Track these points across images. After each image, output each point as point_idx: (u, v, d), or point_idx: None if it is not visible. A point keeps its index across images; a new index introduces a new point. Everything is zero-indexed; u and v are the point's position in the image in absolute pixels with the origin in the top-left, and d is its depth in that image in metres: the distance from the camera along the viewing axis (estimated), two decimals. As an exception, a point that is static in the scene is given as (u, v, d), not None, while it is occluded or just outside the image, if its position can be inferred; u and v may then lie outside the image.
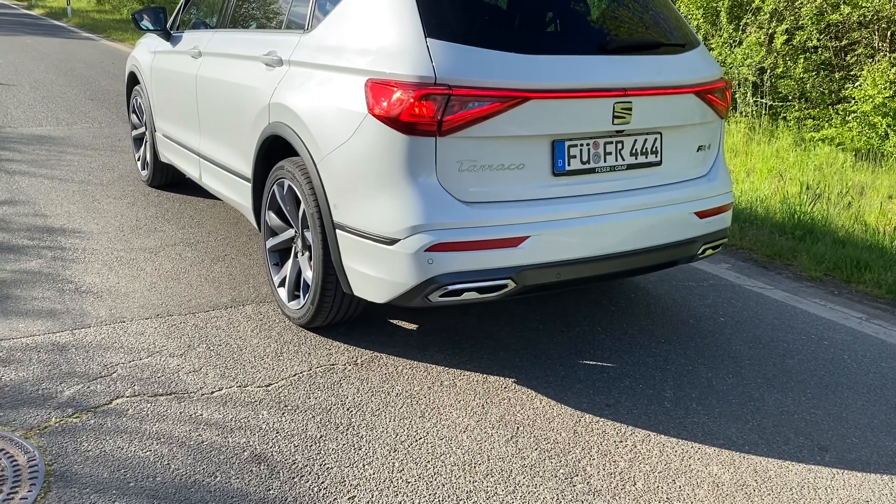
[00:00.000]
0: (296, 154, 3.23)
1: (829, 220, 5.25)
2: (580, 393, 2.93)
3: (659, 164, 3.14)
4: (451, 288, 2.75)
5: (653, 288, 4.07)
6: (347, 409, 2.74)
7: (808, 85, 7.81)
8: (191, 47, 4.46)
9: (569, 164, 2.90)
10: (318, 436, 2.56)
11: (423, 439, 2.58)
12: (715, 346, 3.40)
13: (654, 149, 3.11)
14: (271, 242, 3.52)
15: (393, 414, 2.73)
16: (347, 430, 2.61)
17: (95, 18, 23.67)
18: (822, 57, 7.86)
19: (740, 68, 7.97)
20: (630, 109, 2.94)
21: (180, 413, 2.65)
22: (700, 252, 3.32)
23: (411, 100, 2.64)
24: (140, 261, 4.07)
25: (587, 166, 2.94)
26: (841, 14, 7.43)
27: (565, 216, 2.87)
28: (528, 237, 2.78)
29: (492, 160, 2.77)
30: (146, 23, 4.83)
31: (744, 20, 8.23)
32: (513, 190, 2.82)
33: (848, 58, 7.75)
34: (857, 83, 7.36)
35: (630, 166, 3.06)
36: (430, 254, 2.70)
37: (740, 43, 8.09)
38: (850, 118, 7.28)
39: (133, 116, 5.72)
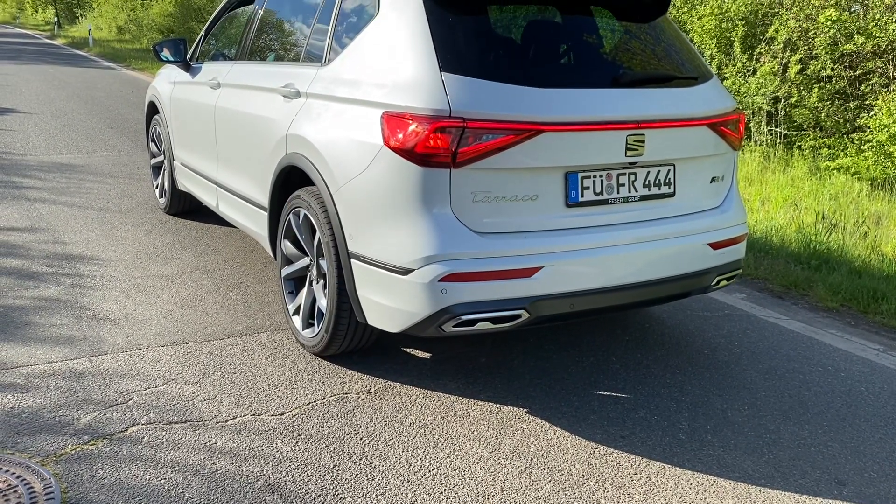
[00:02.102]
0: (312, 184, 3.26)
1: (845, 249, 5.22)
2: (594, 424, 2.92)
3: (672, 195, 3.14)
4: (464, 318, 2.76)
5: (667, 318, 4.05)
6: (361, 439, 2.74)
7: (822, 114, 7.81)
8: (209, 78, 4.55)
9: (582, 196, 2.91)
10: (332, 465, 2.57)
11: (436, 470, 2.57)
12: (730, 377, 3.37)
13: (667, 180, 3.11)
14: (286, 271, 3.55)
15: (406, 444, 2.72)
16: (361, 459, 2.61)
17: (116, 48, 24.12)
18: (837, 86, 7.87)
19: (754, 97, 7.99)
20: (643, 142, 2.95)
21: (195, 441, 2.66)
22: (714, 283, 3.30)
23: (426, 132, 2.68)
24: (157, 288, 4.11)
25: (600, 197, 2.95)
26: (855, 44, 7.46)
27: (578, 247, 2.88)
28: (541, 267, 2.78)
29: (505, 191, 2.78)
30: (166, 54, 4.95)
31: (757, 50, 8.26)
32: (526, 221, 2.83)
33: (863, 87, 7.75)
34: (873, 112, 7.36)
35: (643, 197, 3.05)
36: (444, 284, 2.71)
37: (754, 72, 8.12)
38: (865, 147, 7.26)
39: (152, 145, 5.82)
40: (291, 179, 3.48)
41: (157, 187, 5.79)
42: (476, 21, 3.03)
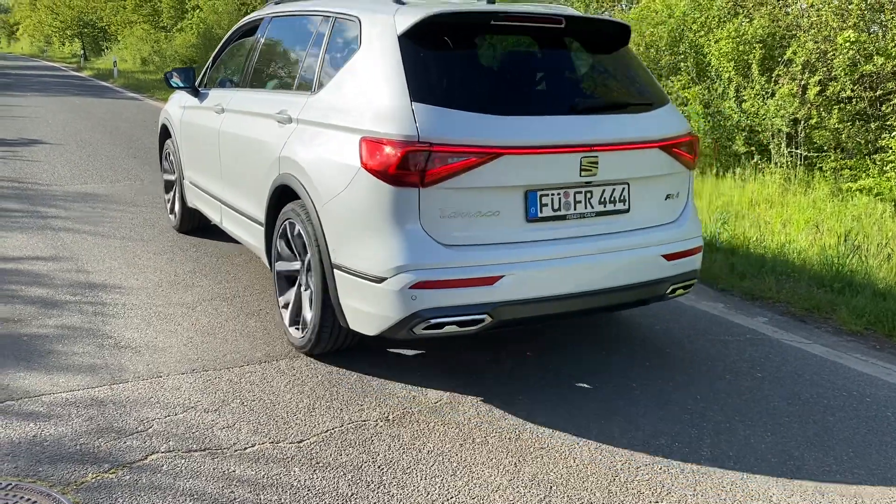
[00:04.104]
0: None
1: (868, 272, 5.15)
2: (615, 451, 2.88)
3: (627, 211, 3.40)
4: (432, 321, 3.04)
5: (688, 343, 4.01)
6: (378, 467, 2.73)
7: (843, 135, 7.74)
8: (215, 104, 4.88)
9: (541, 212, 3.19)
10: (350, 494, 2.55)
11: (454, 499, 2.55)
12: (753, 403, 3.32)
13: (622, 198, 3.38)
14: (280, 266, 3.86)
15: (424, 472, 2.71)
16: (378, 488, 2.60)
17: (140, 79, 24.58)
18: (858, 107, 7.81)
19: (773, 119, 7.95)
20: (596, 163, 3.23)
21: (214, 469, 2.67)
22: (669, 292, 3.55)
23: (398, 155, 2.99)
24: (177, 316, 4.14)
25: (558, 213, 3.23)
26: (874, 65, 7.41)
27: (538, 258, 3.15)
28: (503, 276, 3.06)
29: (469, 208, 3.08)
30: (176, 80, 5.30)
31: (776, 72, 8.24)
32: (489, 234, 3.11)
33: (884, 108, 7.69)
34: (894, 133, 7.29)
35: (599, 213, 3.32)
36: (414, 291, 3.00)
37: (773, 95, 8.09)
38: (888, 168, 7.19)
39: (164, 165, 6.17)
40: (284, 198, 3.75)
41: (168, 203, 6.14)
42: (444, 55, 3.37)
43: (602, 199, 3.33)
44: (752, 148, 8.28)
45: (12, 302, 4.25)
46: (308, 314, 3.55)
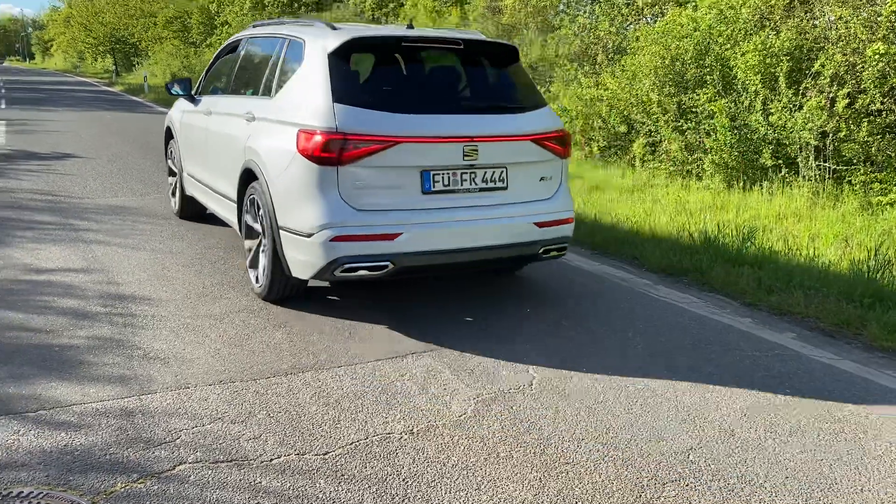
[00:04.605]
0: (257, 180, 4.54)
1: (900, 287, 5.06)
2: (642, 468, 2.86)
3: (505, 188, 4.34)
4: (347, 266, 4.02)
5: (717, 357, 3.98)
6: (403, 480, 2.73)
7: (873, 148, 7.65)
8: (206, 108, 5.91)
9: (434, 186, 4.14)
10: (375, 506, 2.56)
11: (479, 512, 2.54)
12: (783, 420, 3.28)
13: (500, 178, 4.32)
14: (247, 243, 4.85)
15: (448, 486, 2.71)
16: (403, 501, 2.60)
17: (170, 93, 24.96)
18: (888, 120, 7.71)
19: (801, 132, 7.87)
20: (476, 151, 4.18)
21: (240, 480, 2.69)
22: (542, 252, 4.50)
23: (321, 142, 3.97)
24: (205, 327, 4.19)
25: (448, 188, 4.18)
26: (904, 77, 7.32)
27: (430, 221, 4.10)
28: (401, 234, 4.02)
29: (376, 182, 4.05)
30: (176, 89, 6.36)
31: (803, 85, 8.17)
32: (392, 202, 4.07)
33: (914, 120, 7.59)
34: (925, 146, 7.18)
35: (482, 189, 4.27)
36: (333, 243, 3.99)
37: (801, 107, 8.02)
38: (919, 181, 7.08)
39: (169, 161, 7.22)
40: (249, 180, 4.70)
41: (171, 193, 7.18)
42: (360, 68, 4.47)
43: (483, 178, 4.27)
44: (780, 161, 8.21)
45: (45, 313, 4.33)
46: (266, 269, 4.50)
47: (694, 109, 9.01)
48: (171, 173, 7.12)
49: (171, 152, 7.05)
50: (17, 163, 10.21)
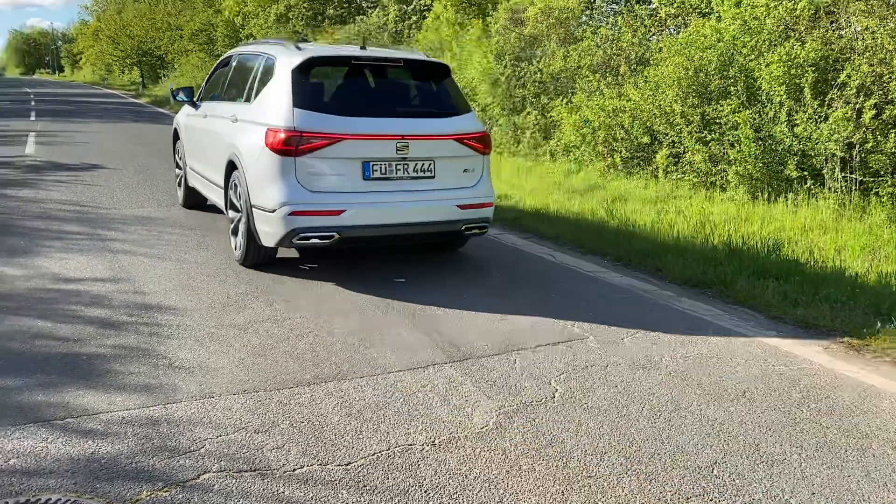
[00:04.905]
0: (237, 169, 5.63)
1: (929, 300, 4.98)
2: (665, 482, 2.84)
3: (433, 177, 5.36)
4: (302, 235, 5.07)
5: (742, 370, 3.94)
6: (425, 492, 2.73)
7: (901, 159, 7.55)
8: (203, 112, 7.05)
9: (372, 174, 5.17)
10: (397, 518, 2.56)
11: (501, 525, 2.54)
12: (809, 435, 3.24)
13: (429, 168, 5.33)
14: (231, 214, 5.89)
15: (471, 499, 2.70)
16: (425, 512, 2.60)
17: (195, 105, 25.27)
18: (916, 131, 7.61)
19: (827, 144, 7.79)
20: (407, 147, 5.20)
21: (263, 490, 2.71)
22: (464, 229, 5.49)
23: (282, 138, 5.05)
24: (229, 337, 4.23)
25: (385, 176, 5.21)
26: (933, 87, 7.23)
27: (369, 201, 5.13)
28: (345, 210, 5.07)
29: (326, 170, 5.11)
30: (181, 96, 7.52)
31: (829, 95, 8.10)
32: (339, 185, 5.12)
33: (943, 131, 7.47)
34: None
35: (413, 177, 5.28)
36: (291, 217, 5.02)
37: (826, 118, 7.94)
38: (948, 193, 6.97)
39: (176, 157, 8.43)
40: (231, 169, 5.77)
41: (177, 184, 8.39)
42: (316, 81, 5.54)
43: (414, 168, 5.28)
44: (805, 173, 8.12)
45: (73, 322, 4.40)
46: (241, 239, 5.57)
47: (718, 120, 8.95)
48: (178, 167, 8.32)
49: (178, 150, 8.25)
50: (46, 174, 10.39)
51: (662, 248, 6.36)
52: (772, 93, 8.43)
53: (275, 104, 5.29)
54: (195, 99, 7.44)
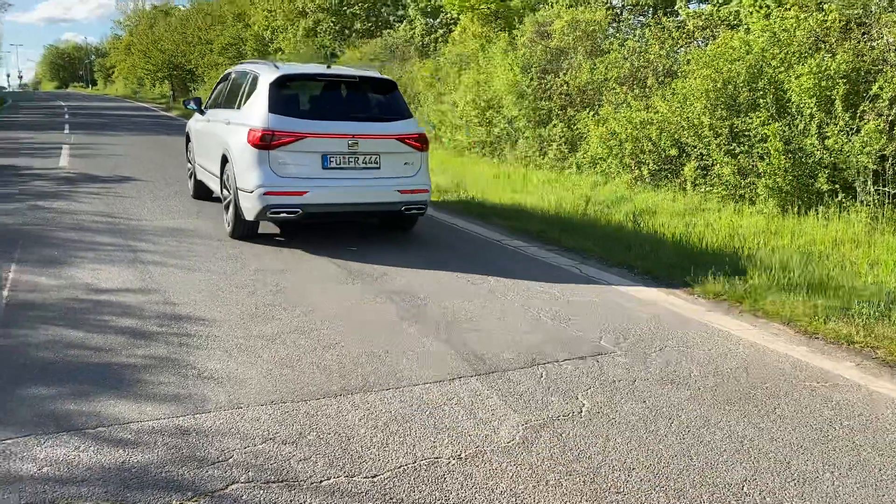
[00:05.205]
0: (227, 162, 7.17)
1: (966, 316, 4.87)
2: (694, 499, 2.81)
3: (378, 168, 6.82)
4: (273, 211, 6.51)
5: (773, 387, 3.88)
6: (452, 505, 2.73)
7: (935, 172, 7.41)
8: (207, 118, 8.61)
9: (330, 164, 6.62)
10: (423, 531, 2.56)
11: (528, 540, 2.52)
12: (842, 453, 3.18)
13: (375, 161, 6.81)
14: (224, 194, 7.40)
15: (497, 512, 2.69)
16: (452, 526, 2.59)
17: (224, 118, 25.59)
18: (950, 143, 7.47)
19: (858, 156, 7.68)
20: (357, 143, 6.67)
21: (290, 501, 2.72)
22: (404, 210, 6.96)
23: (259, 135, 6.50)
24: (258, 348, 4.27)
25: (340, 166, 6.66)
26: (968, 99, 7.10)
27: (327, 185, 6.58)
28: (307, 191, 6.49)
29: (292, 161, 6.55)
30: (191, 105, 9.26)
31: (861, 107, 7.99)
32: (303, 172, 6.55)
33: (979, 144, 7.33)
34: None
35: (362, 167, 6.75)
36: (265, 196, 6.45)
37: (858, 131, 7.83)
38: (985, 207, 6.83)
39: (187, 155, 10.16)
40: (224, 162, 7.24)
41: (188, 177, 10.06)
42: (287, 92, 6.95)
43: (363, 161, 6.77)
44: (836, 186, 8.01)
45: (105, 332, 4.47)
46: (230, 216, 7.09)
47: (747, 133, 8.87)
48: (189, 163, 9.96)
49: (189, 150, 9.97)
50: (79, 185, 10.58)
51: (690, 262, 6.30)
52: (802, 105, 8.34)
53: (255, 110, 6.82)
54: (203, 107, 9.05)
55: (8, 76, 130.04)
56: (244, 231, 7.01)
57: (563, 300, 5.42)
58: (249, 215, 6.68)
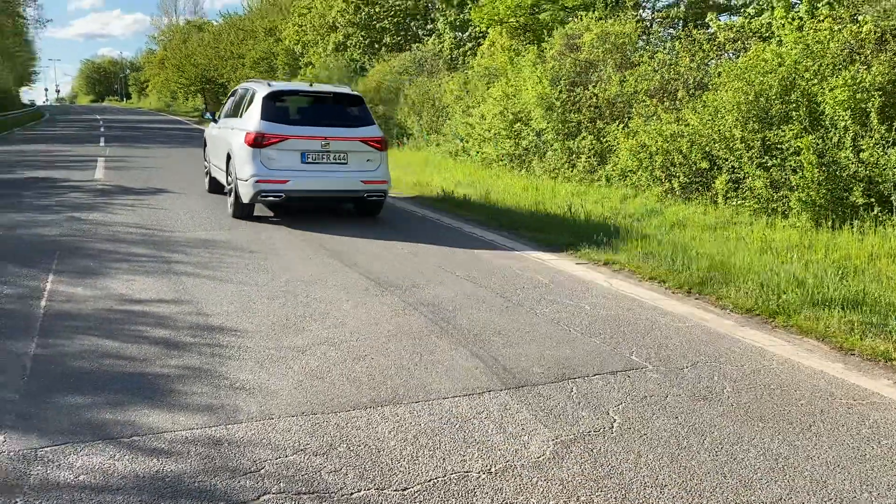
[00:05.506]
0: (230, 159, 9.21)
1: None
2: (727, 517, 2.76)
3: (346, 163, 8.71)
4: (263, 195, 8.54)
5: (806, 404, 3.82)
6: (482, 520, 2.72)
7: (975, 186, 7.26)
8: (219, 126, 10.69)
9: (307, 159, 8.58)
10: (453, 545, 2.55)
11: (559, 557, 2.50)
12: (880, 473, 3.12)
13: (343, 158, 8.70)
14: (226, 187, 9.54)
15: (528, 527, 2.68)
16: (482, 541, 2.58)
17: (255, 131, 25.91)
18: None
19: (895, 169, 7.55)
20: (329, 144, 8.61)
21: (321, 513, 2.73)
22: (367, 196, 8.92)
23: (252, 137, 8.51)
24: (288, 359, 4.31)
25: (315, 161, 8.60)
26: None
27: (304, 176, 8.54)
28: (289, 180, 8.47)
29: (277, 157, 8.52)
30: (208, 115, 12.00)
31: (897, 120, 7.86)
32: (285, 166, 8.51)
33: None
34: None
35: (333, 162, 8.65)
36: (257, 183, 8.47)
37: (894, 143, 7.71)
38: None
39: (204, 157, 12.03)
40: (228, 159, 9.16)
41: (204, 174, 11.89)
42: (276, 104, 8.86)
43: (334, 157, 8.64)
44: (872, 199, 7.88)
45: (139, 342, 4.54)
46: (232, 199, 9.01)
47: (779, 146, 8.77)
48: (205, 163, 11.81)
49: (205, 153, 11.82)
50: (114, 197, 10.79)
51: (722, 276, 6.23)
52: (836, 118, 8.24)
53: (251, 118, 8.85)
54: (216, 117, 11.28)
55: (46, 90, 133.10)
56: (242, 212, 8.89)
57: (593, 314, 5.39)
58: (246, 199, 8.67)
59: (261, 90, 8.97)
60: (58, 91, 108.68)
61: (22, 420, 3.45)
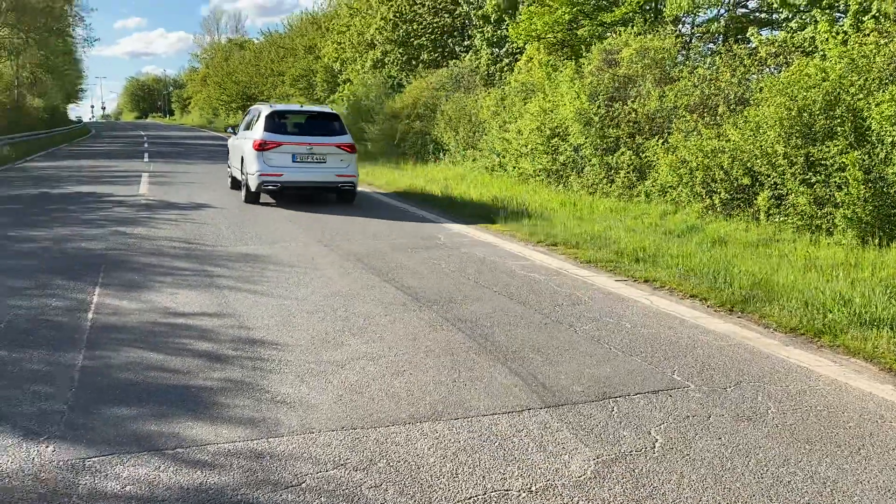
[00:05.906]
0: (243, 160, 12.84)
1: None
2: (774, 541, 2.70)
3: (325, 163, 12.19)
4: (264, 185, 11.93)
5: (854, 426, 3.72)
6: (523, 539, 2.70)
7: None
8: (236, 137, 13.93)
9: (297, 160, 12.05)
10: (494, 564, 2.54)
11: (601, 578, 2.47)
12: (933, 499, 3.02)
13: (323, 159, 12.17)
14: (239, 179, 13.20)
15: (569, 547, 2.65)
16: (523, 560, 2.57)
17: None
18: None
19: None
20: (312, 149, 12.10)
21: (362, 528, 2.74)
22: (340, 186, 12.33)
23: (258, 143, 11.99)
24: (328, 373, 4.34)
25: (302, 161, 12.09)
26: None
27: (295, 171, 12.04)
28: (283, 174, 11.92)
29: (275, 158, 11.97)
30: (230, 129, 15.45)
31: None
32: (280, 164, 11.97)
33: None
34: None
35: (315, 162, 12.14)
36: (260, 177, 11.90)
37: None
38: None
39: (227, 162, 15.06)
40: (242, 161, 12.67)
41: (228, 176, 14.74)
42: (276, 120, 12.41)
43: (316, 159, 12.09)
44: (922, 216, 7.68)
45: (182, 355, 4.62)
46: (244, 190, 12.52)
47: (823, 162, 8.62)
48: (228, 167, 14.76)
49: (229, 158, 14.79)
50: (157, 212, 11.02)
51: (765, 294, 6.13)
52: (883, 133, 8.07)
53: (258, 130, 12.10)
54: (236, 131, 14.41)
55: (92, 107, 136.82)
56: (251, 199, 12.13)
57: (633, 332, 5.34)
58: (253, 188, 11.91)
59: (265, 110, 12.55)
60: (104, 108, 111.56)
61: (70, 430, 3.53)
